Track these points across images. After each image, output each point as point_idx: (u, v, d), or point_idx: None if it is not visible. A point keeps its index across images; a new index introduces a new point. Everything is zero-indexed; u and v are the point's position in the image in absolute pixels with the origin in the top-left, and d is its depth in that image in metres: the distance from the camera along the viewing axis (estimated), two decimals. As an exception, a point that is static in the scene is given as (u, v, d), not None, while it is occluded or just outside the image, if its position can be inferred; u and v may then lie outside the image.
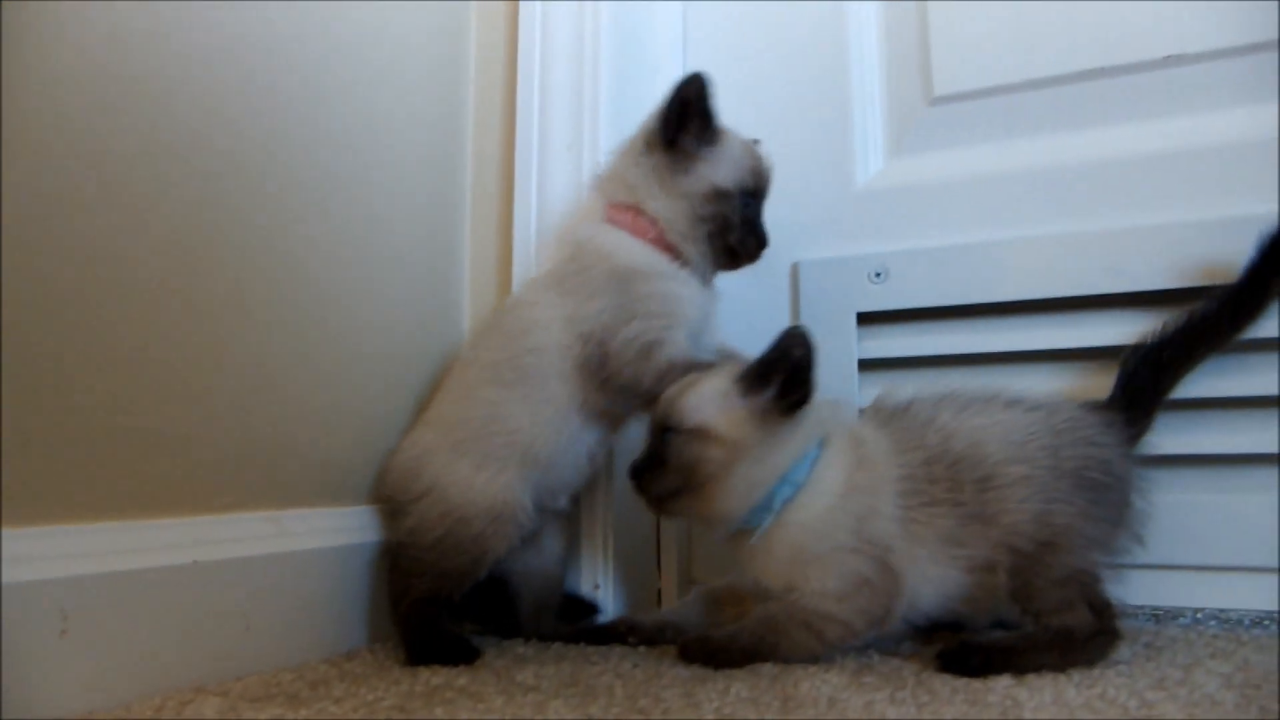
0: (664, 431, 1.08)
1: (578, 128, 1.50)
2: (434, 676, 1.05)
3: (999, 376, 1.37)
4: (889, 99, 1.56)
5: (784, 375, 1.04)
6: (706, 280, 1.30)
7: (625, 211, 1.27)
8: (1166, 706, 0.85)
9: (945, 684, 0.95)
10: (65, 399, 0.94)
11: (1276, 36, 1.30)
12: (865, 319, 1.47)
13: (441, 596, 1.19)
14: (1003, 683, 0.94)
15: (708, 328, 1.29)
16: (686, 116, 1.23)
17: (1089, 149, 1.40)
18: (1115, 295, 1.32)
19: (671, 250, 1.26)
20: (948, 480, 1.05)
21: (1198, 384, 1.27)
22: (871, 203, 1.53)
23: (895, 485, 1.06)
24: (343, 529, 1.23)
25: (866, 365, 1.46)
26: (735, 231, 1.26)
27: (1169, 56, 1.36)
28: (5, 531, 0.86)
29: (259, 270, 1.16)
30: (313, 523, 1.19)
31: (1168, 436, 1.28)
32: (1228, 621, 1.23)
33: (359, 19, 1.34)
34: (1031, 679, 0.95)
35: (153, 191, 1.04)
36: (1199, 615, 1.25)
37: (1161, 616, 1.27)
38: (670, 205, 1.26)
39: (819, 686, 0.95)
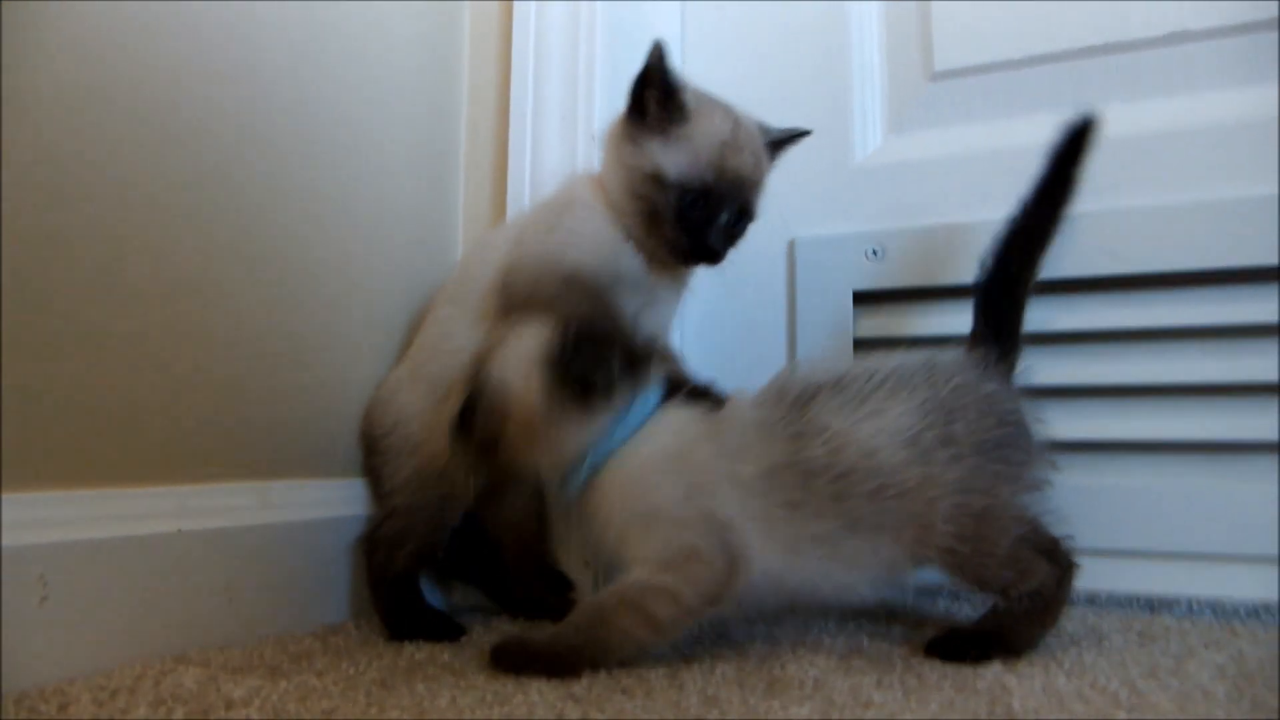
0: (479, 378, 1.03)
1: (572, 96, 1.48)
2: (417, 652, 1.04)
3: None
4: (889, 74, 1.53)
5: (580, 369, 0.98)
6: (657, 261, 1.21)
7: (595, 176, 1.24)
8: (1158, 696, 0.84)
9: (934, 669, 0.94)
10: (49, 366, 0.93)
11: (1277, 15, 1.28)
12: (862, 298, 1.45)
13: (424, 557, 1.18)
14: (992, 669, 0.93)
15: (654, 310, 1.24)
16: (647, 85, 1.15)
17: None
18: (1112, 277, 1.30)
19: (615, 215, 1.20)
20: (833, 492, 0.97)
21: (1195, 369, 1.26)
22: (869, 180, 1.50)
23: (750, 482, 0.98)
24: (329, 501, 1.22)
25: (862, 345, 1.44)
26: (666, 226, 1.16)
27: (1173, 33, 1.34)
28: (-3, 497, 0.86)
29: (248, 244, 1.15)
30: (298, 495, 1.18)
31: (1164, 422, 1.27)
32: (1223, 612, 1.22)
33: (358, 15, 1.33)
34: (1021, 666, 0.94)
35: (146, 175, 1.02)
36: (1194, 605, 1.24)
37: (1156, 605, 1.25)
38: (615, 174, 1.19)
39: (806, 669, 0.94)
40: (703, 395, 1.07)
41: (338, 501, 1.23)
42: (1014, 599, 0.99)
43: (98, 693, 0.85)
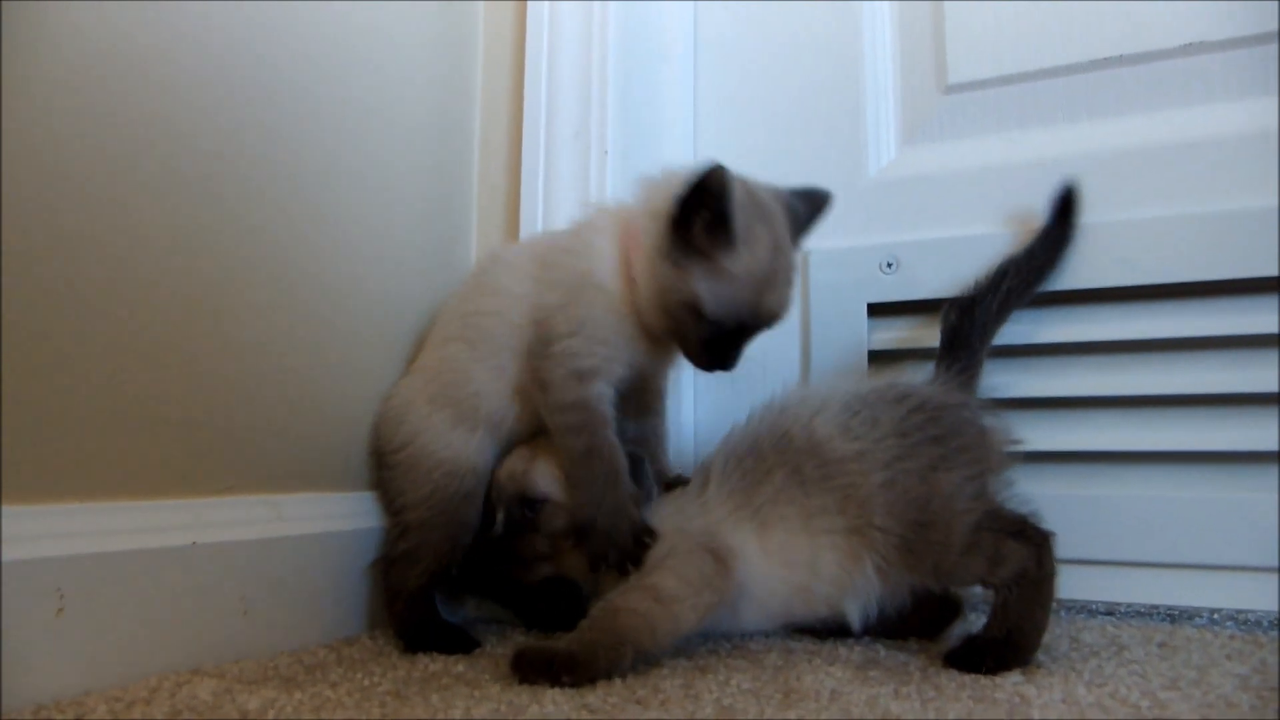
0: (521, 502, 1.17)
1: (584, 117, 1.48)
2: (432, 663, 1.04)
3: (1007, 369, 1.35)
4: (902, 87, 1.54)
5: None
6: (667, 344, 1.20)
7: (629, 239, 1.17)
8: (1180, 706, 0.83)
9: (952, 679, 0.93)
10: (64, 379, 0.93)
11: (1278, 25, 1.28)
12: (875, 310, 1.45)
13: (438, 574, 1.18)
14: (1011, 679, 0.92)
15: (656, 376, 1.27)
16: (698, 205, 1.08)
17: (1103, 139, 1.37)
18: (1127, 288, 1.30)
19: (636, 303, 1.16)
20: (775, 448, 1.11)
21: (1216, 379, 1.25)
22: (883, 192, 1.50)
23: (712, 493, 1.12)
24: (342, 514, 1.21)
25: (876, 356, 1.44)
26: (691, 345, 1.14)
27: (1188, 45, 1.33)
28: (3, 509, 0.86)
29: (261, 257, 1.15)
30: (312, 507, 1.18)
31: (1188, 433, 1.26)
32: (1245, 623, 1.21)
33: (366, 17, 1.33)
34: (1041, 676, 0.93)
35: (153, 182, 1.02)
36: (1216, 616, 1.22)
37: (1177, 616, 1.24)
38: (648, 284, 1.14)
39: (822, 680, 0.93)
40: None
41: (352, 514, 1.23)
42: (1001, 588, 1.00)
43: (113, 704, 0.85)
